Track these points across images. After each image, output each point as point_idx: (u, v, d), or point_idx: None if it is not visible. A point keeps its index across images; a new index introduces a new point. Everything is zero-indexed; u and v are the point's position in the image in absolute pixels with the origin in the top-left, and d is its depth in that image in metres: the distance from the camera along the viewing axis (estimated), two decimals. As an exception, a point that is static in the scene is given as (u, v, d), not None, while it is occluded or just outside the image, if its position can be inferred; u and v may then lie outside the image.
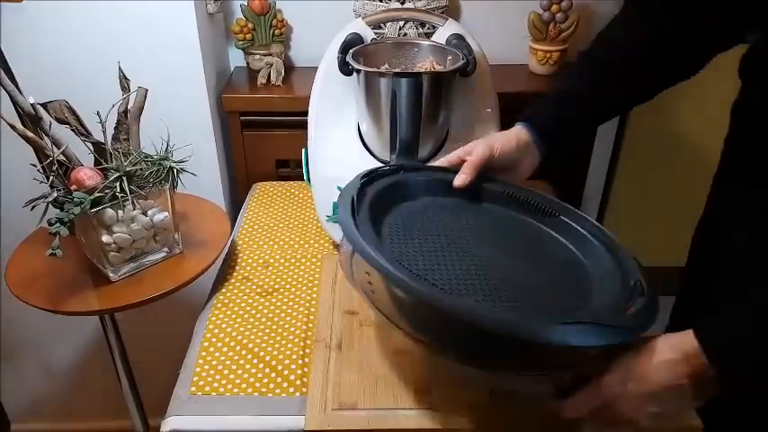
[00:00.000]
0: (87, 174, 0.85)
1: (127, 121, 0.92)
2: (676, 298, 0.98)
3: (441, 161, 0.82)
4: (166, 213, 0.91)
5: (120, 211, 0.86)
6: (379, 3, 1.24)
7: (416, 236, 0.69)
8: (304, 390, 0.75)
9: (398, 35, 1.21)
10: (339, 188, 0.96)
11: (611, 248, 0.71)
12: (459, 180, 0.77)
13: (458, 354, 0.64)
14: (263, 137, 1.28)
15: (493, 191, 0.80)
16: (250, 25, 1.27)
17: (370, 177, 0.74)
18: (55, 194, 0.84)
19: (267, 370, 0.78)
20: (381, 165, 0.79)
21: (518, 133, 0.82)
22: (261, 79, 1.28)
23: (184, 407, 0.74)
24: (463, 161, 0.79)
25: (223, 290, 0.93)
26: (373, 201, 0.70)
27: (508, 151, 0.80)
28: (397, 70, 0.94)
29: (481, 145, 0.79)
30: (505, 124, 0.97)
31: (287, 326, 0.86)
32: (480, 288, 0.62)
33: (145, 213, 0.89)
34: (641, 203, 1.74)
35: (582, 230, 0.75)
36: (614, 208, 1.71)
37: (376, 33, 1.01)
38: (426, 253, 0.66)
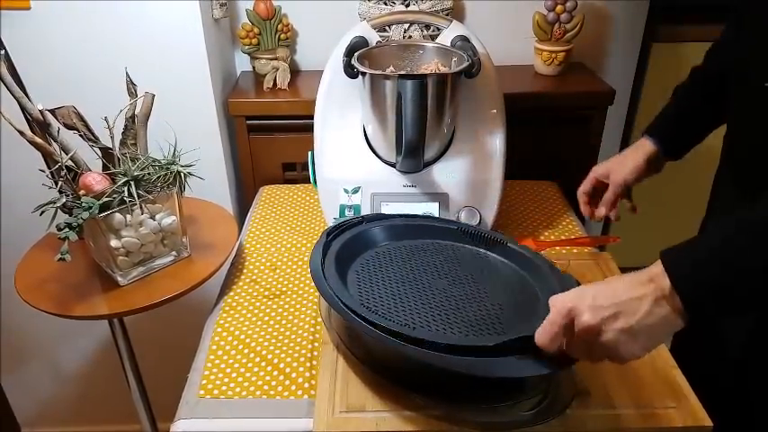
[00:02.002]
0: (95, 179, 0.86)
1: (134, 126, 0.93)
2: None
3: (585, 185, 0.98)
4: (174, 217, 0.92)
5: (129, 216, 0.86)
6: (383, 6, 1.24)
7: (379, 278, 0.78)
8: (312, 392, 0.75)
9: (403, 38, 1.21)
10: (345, 190, 0.97)
11: (553, 267, 0.78)
12: (599, 214, 0.97)
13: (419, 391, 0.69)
14: (269, 140, 1.28)
15: (446, 228, 0.88)
16: (256, 30, 1.28)
17: (335, 233, 0.83)
18: (63, 199, 0.85)
19: (275, 372, 0.78)
20: (346, 218, 0.88)
21: (645, 150, 0.94)
22: (267, 83, 1.29)
23: (193, 410, 0.74)
24: (600, 181, 0.96)
25: (231, 293, 0.93)
26: (339, 252, 0.79)
27: (638, 176, 0.94)
28: (402, 72, 0.94)
29: (617, 179, 0.93)
30: (511, 125, 0.98)
31: (295, 328, 0.86)
32: (437, 318, 0.70)
33: (153, 217, 0.90)
34: (647, 204, 1.72)
35: (527, 255, 0.82)
36: (620, 207, 1.70)
37: (381, 36, 1.01)
38: (388, 293, 0.75)
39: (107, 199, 0.84)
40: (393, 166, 0.97)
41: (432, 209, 0.95)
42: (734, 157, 0.84)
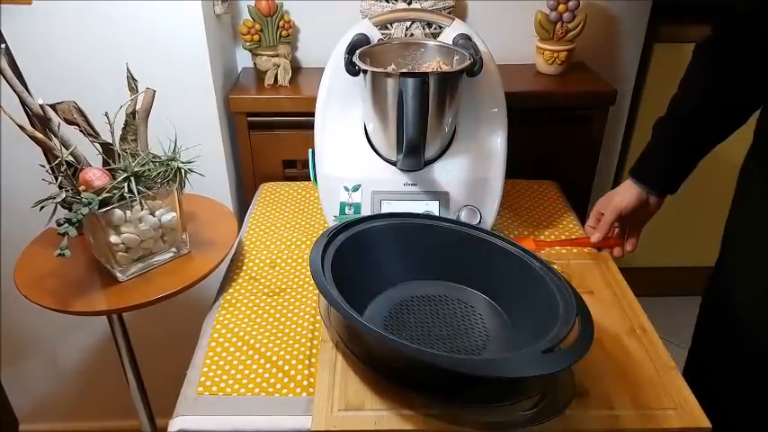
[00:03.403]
0: (95, 174, 0.86)
1: (135, 121, 0.93)
2: (703, 296, 0.98)
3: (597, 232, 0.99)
4: (174, 214, 0.92)
5: (128, 212, 0.86)
6: (385, 3, 1.24)
7: None
8: (311, 390, 0.75)
9: (405, 35, 1.21)
10: (346, 188, 0.97)
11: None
12: (595, 238, 0.98)
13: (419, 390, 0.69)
14: (269, 137, 1.28)
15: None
16: (257, 26, 1.27)
17: (335, 231, 0.82)
18: (63, 195, 0.85)
19: (274, 370, 0.78)
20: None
21: (630, 187, 0.95)
22: (268, 80, 1.28)
23: (192, 407, 0.74)
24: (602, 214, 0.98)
25: (230, 290, 0.93)
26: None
27: (631, 206, 0.94)
28: (403, 70, 0.94)
29: (609, 208, 0.96)
30: (512, 124, 0.97)
31: (294, 326, 0.86)
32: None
33: (153, 214, 0.90)
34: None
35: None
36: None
37: (382, 34, 1.01)
38: None
39: (107, 195, 0.84)
40: (394, 164, 0.97)
41: (432, 207, 0.95)
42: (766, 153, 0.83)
